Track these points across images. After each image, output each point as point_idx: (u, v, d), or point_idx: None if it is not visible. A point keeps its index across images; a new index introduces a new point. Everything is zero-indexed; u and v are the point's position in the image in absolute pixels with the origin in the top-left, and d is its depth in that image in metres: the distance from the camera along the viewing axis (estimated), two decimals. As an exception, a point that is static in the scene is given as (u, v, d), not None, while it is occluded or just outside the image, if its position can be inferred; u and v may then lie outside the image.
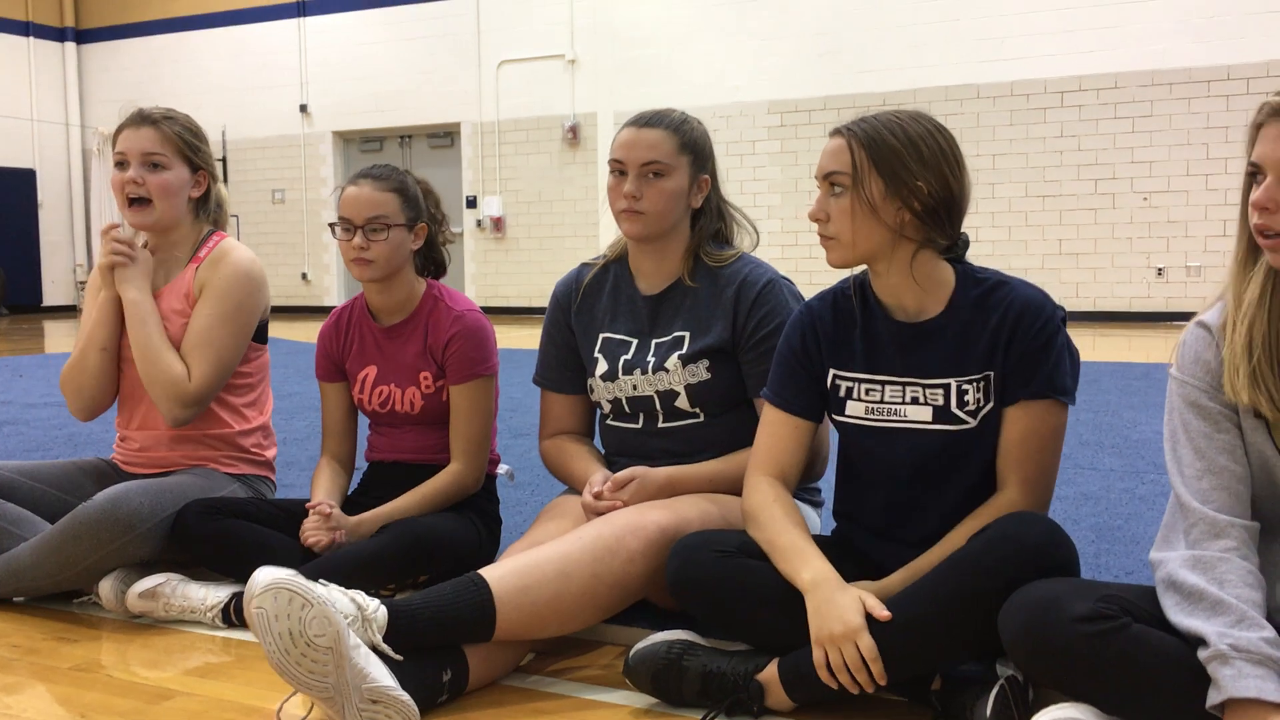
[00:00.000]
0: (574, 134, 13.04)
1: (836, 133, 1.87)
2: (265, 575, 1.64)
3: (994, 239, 10.48)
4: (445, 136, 13.99)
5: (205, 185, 2.62)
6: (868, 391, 1.93)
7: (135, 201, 2.53)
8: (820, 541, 2.06)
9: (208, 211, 2.65)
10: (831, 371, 1.96)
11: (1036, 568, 1.63)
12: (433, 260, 2.63)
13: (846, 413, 1.95)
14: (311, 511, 2.33)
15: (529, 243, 13.36)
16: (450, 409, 2.48)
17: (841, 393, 1.96)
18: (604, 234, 12.79)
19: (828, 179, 1.85)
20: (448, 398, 2.48)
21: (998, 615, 1.59)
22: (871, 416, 1.92)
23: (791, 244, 11.33)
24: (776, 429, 2.00)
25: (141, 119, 2.57)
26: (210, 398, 2.51)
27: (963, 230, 1.92)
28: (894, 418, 1.90)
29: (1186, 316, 1.67)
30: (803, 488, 2.34)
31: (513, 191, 13.46)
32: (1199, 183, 10.65)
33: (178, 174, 2.56)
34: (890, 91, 11.32)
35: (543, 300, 13.79)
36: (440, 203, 2.63)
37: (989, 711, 1.62)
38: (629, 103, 12.56)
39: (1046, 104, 11.04)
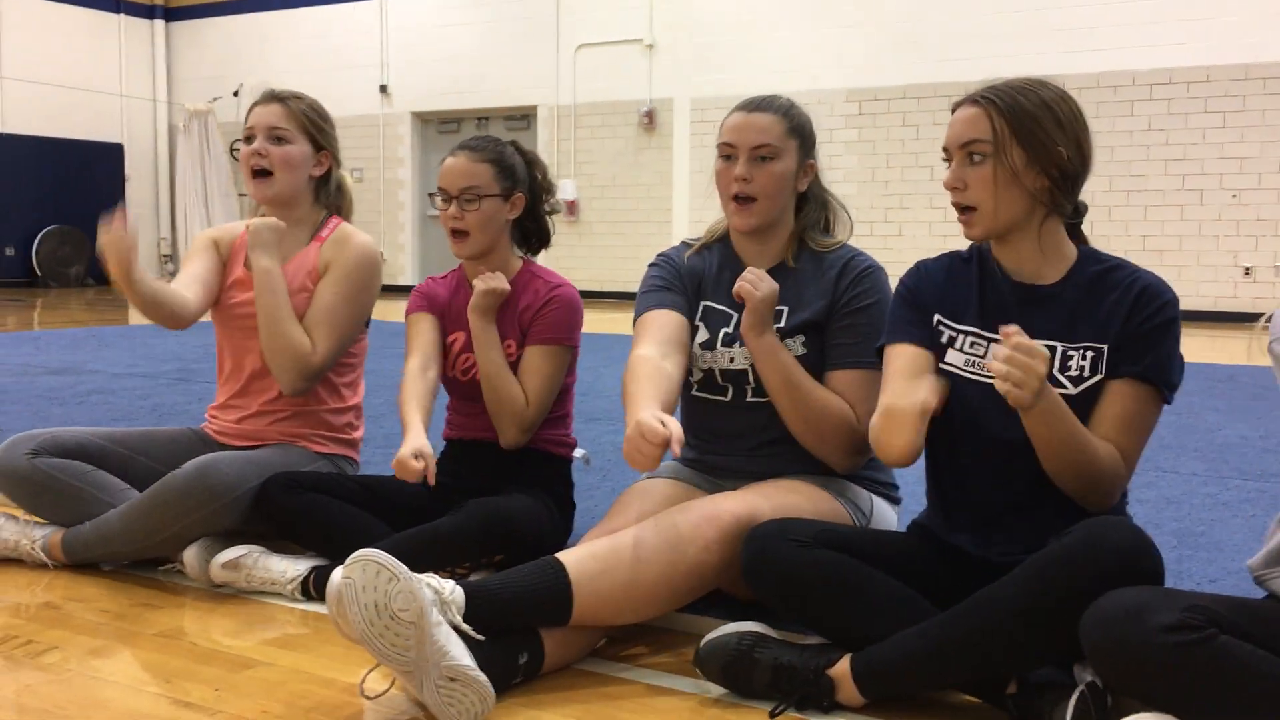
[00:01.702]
0: (650, 119, 13.01)
1: (972, 101, 1.87)
2: (358, 552, 1.68)
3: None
4: (522, 119, 14.04)
5: (327, 165, 2.70)
6: (971, 345, 1.94)
7: (259, 174, 2.61)
8: (899, 537, 2.05)
9: (328, 193, 2.71)
10: (937, 317, 1.97)
11: (1120, 574, 1.60)
12: (535, 231, 2.65)
13: (946, 360, 1.95)
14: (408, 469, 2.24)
15: (602, 227, 13.37)
16: (521, 368, 2.47)
17: (944, 339, 1.96)
18: (677, 220, 12.76)
19: (965, 148, 1.85)
20: None
21: (1079, 621, 1.57)
22: (969, 369, 1.93)
23: (866, 234, 11.21)
24: (900, 365, 1.96)
25: (270, 97, 2.67)
26: (327, 372, 2.59)
27: (1085, 201, 1.94)
28: (991, 375, 1.88)
29: None
30: (879, 481, 2.32)
31: (587, 175, 13.49)
32: (1292, 180, 10.34)
33: (301, 149, 2.63)
34: (972, 81, 10.97)
35: (614, 285, 13.69)
36: (548, 172, 2.65)
37: (1069, 718, 1.60)
38: (706, 89, 12.50)
39: (1134, 96, 10.77)
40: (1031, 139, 1.82)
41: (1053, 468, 1.79)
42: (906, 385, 1.92)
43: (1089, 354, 1.85)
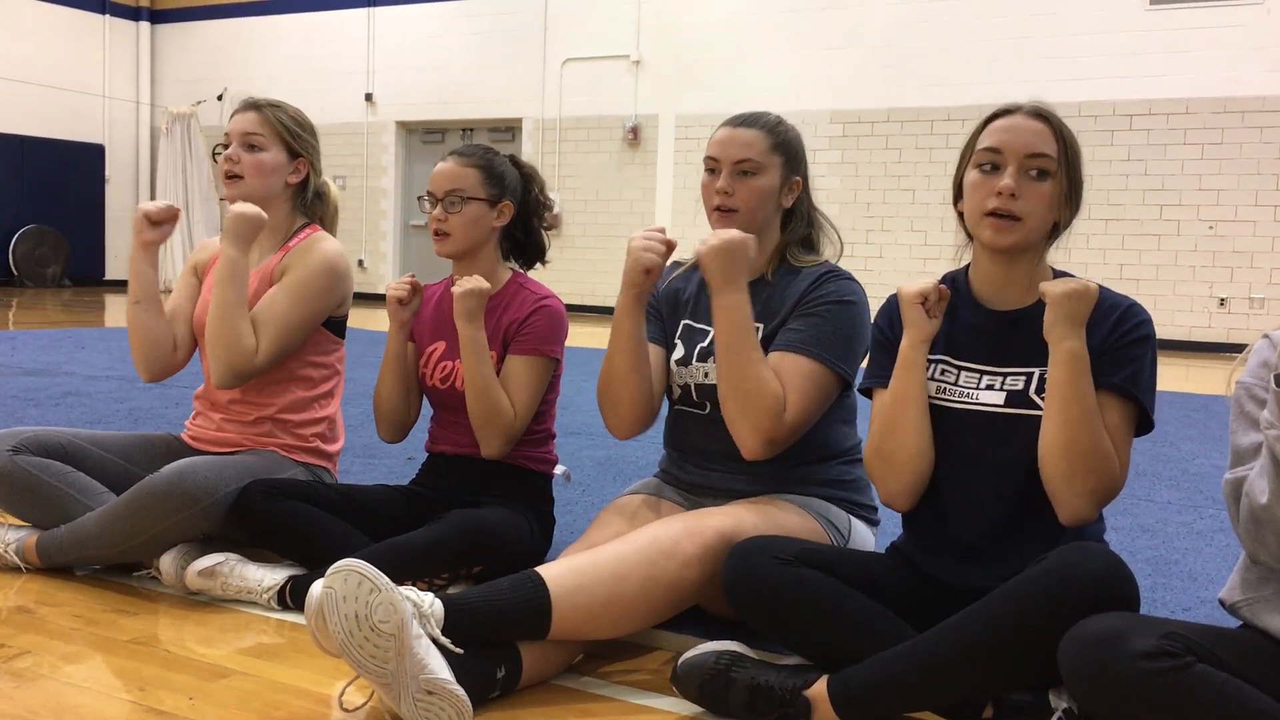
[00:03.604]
0: (634, 135, 13.05)
1: (1038, 115, 1.88)
2: (339, 561, 1.68)
3: (1053, 260, 10.15)
4: (506, 131, 14.05)
5: (304, 173, 2.69)
6: (942, 373, 1.95)
7: (230, 176, 2.63)
8: (879, 558, 2.06)
9: (305, 200, 2.71)
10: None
11: (1097, 600, 1.61)
12: (530, 245, 2.66)
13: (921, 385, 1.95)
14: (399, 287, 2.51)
15: (584, 241, 13.39)
16: (504, 378, 2.45)
17: None
18: (659, 236, 12.77)
19: (1032, 159, 1.86)
20: None
21: (1056, 646, 1.58)
22: (941, 396, 1.94)
23: (848, 255, 11.18)
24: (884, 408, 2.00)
25: (248, 105, 2.68)
26: (261, 373, 2.54)
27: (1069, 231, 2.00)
28: (964, 400, 1.92)
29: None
30: (857, 503, 2.33)
31: (570, 189, 13.51)
32: (1268, 213, 10.45)
33: (274, 156, 2.64)
34: (956, 106, 11.23)
35: (595, 299, 13.71)
36: (545, 187, 2.66)
37: (1045, 743, 1.61)
38: (691, 106, 12.55)
39: (1114, 126, 10.89)
40: (1075, 172, 1.89)
41: (1059, 433, 1.78)
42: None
43: None
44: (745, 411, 2.09)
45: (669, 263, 2.47)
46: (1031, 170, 1.85)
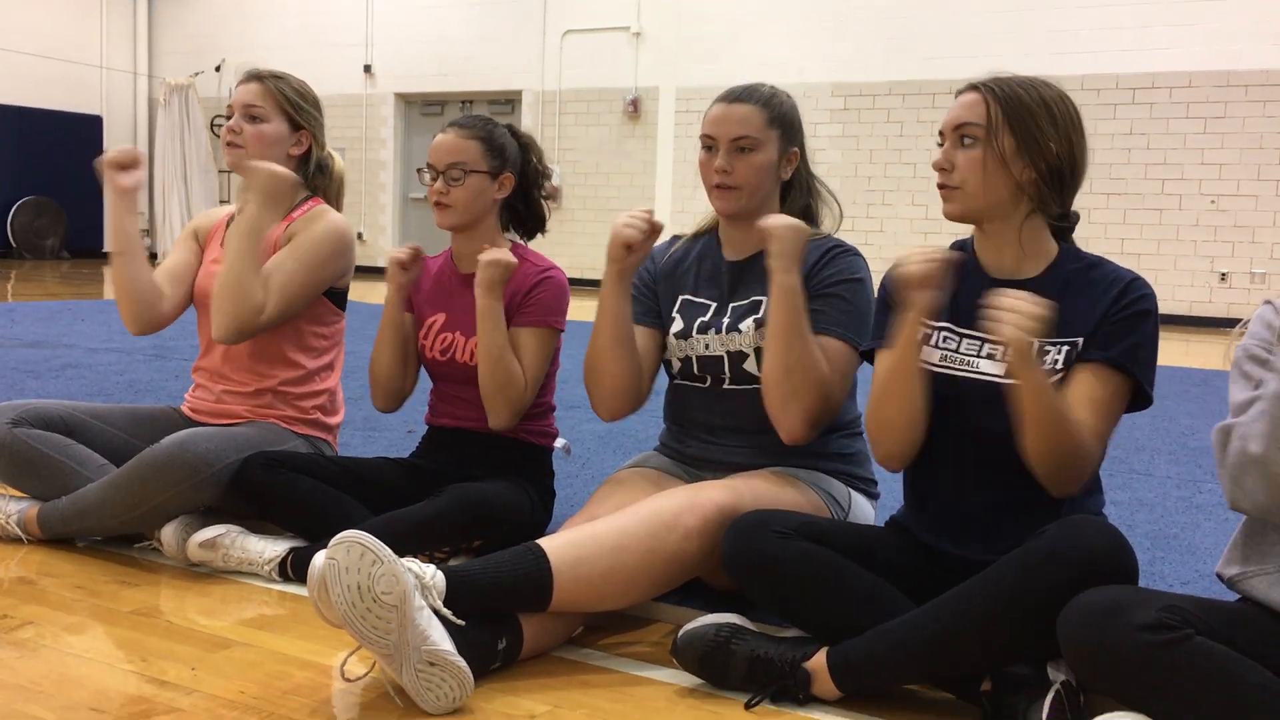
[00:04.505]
0: (635, 107, 12.99)
1: (972, 88, 1.92)
2: (342, 533, 1.68)
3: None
4: (506, 104, 13.98)
5: (306, 145, 2.69)
6: (945, 339, 1.95)
7: (231, 145, 2.63)
8: (879, 532, 2.06)
9: (307, 173, 2.70)
10: None
11: (1097, 573, 1.62)
12: (530, 215, 2.65)
13: (922, 357, 1.94)
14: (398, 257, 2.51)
15: (584, 214, 13.34)
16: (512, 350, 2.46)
17: (919, 336, 1.95)
18: (660, 210, 12.75)
19: (958, 130, 1.90)
20: None
21: (1055, 619, 1.58)
22: (943, 364, 1.94)
23: (848, 229, 11.15)
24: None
25: (251, 76, 2.67)
26: (264, 331, 2.53)
27: (1074, 208, 1.97)
28: (965, 368, 1.91)
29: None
30: (857, 476, 2.34)
31: (570, 162, 13.45)
32: (1270, 188, 10.42)
33: (275, 128, 2.63)
34: (958, 79, 11.05)
35: (594, 272, 13.80)
36: (543, 157, 2.65)
37: (1044, 717, 1.61)
38: (692, 79, 12.48)
39: (1117, 100, 10.83)
40: (1023, 129, 1.86)
41: (1034, 445, 1.77)
42: None
43: (1064, 348, 1.87)
44: (797, 393, 2.09)
45: (669, 237, 2.47)
46: (964, 140, 1.89)
